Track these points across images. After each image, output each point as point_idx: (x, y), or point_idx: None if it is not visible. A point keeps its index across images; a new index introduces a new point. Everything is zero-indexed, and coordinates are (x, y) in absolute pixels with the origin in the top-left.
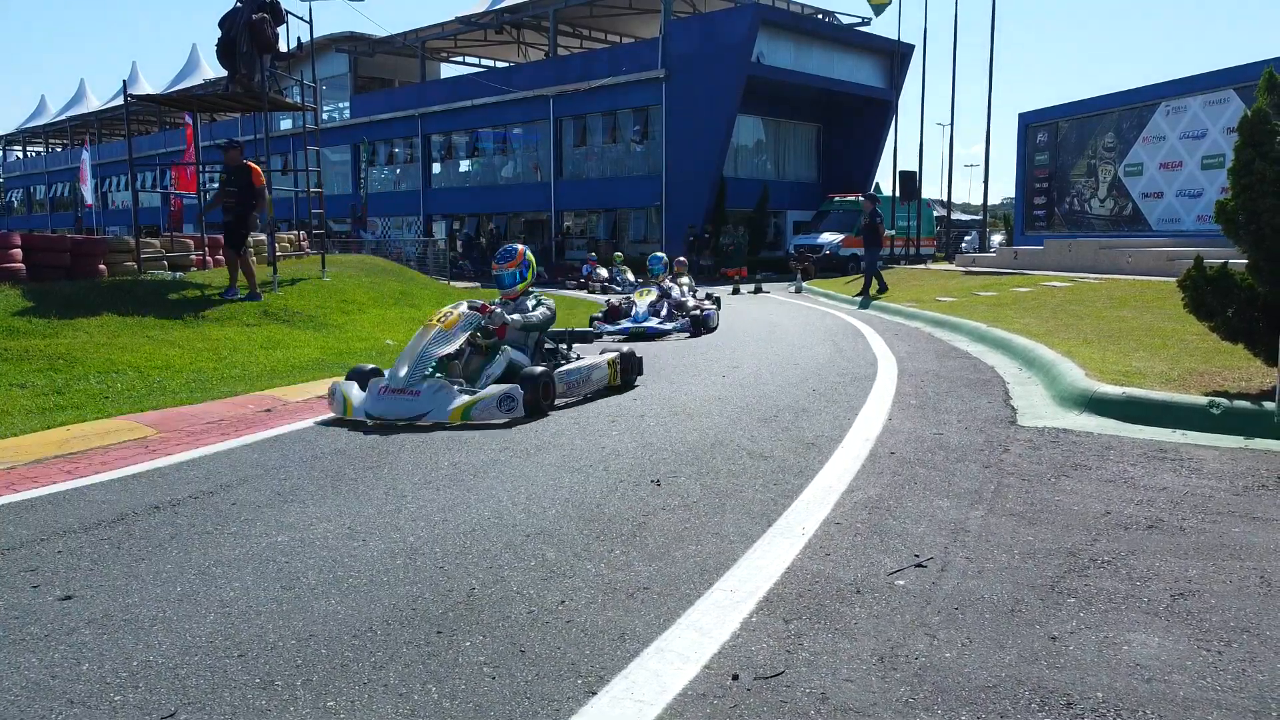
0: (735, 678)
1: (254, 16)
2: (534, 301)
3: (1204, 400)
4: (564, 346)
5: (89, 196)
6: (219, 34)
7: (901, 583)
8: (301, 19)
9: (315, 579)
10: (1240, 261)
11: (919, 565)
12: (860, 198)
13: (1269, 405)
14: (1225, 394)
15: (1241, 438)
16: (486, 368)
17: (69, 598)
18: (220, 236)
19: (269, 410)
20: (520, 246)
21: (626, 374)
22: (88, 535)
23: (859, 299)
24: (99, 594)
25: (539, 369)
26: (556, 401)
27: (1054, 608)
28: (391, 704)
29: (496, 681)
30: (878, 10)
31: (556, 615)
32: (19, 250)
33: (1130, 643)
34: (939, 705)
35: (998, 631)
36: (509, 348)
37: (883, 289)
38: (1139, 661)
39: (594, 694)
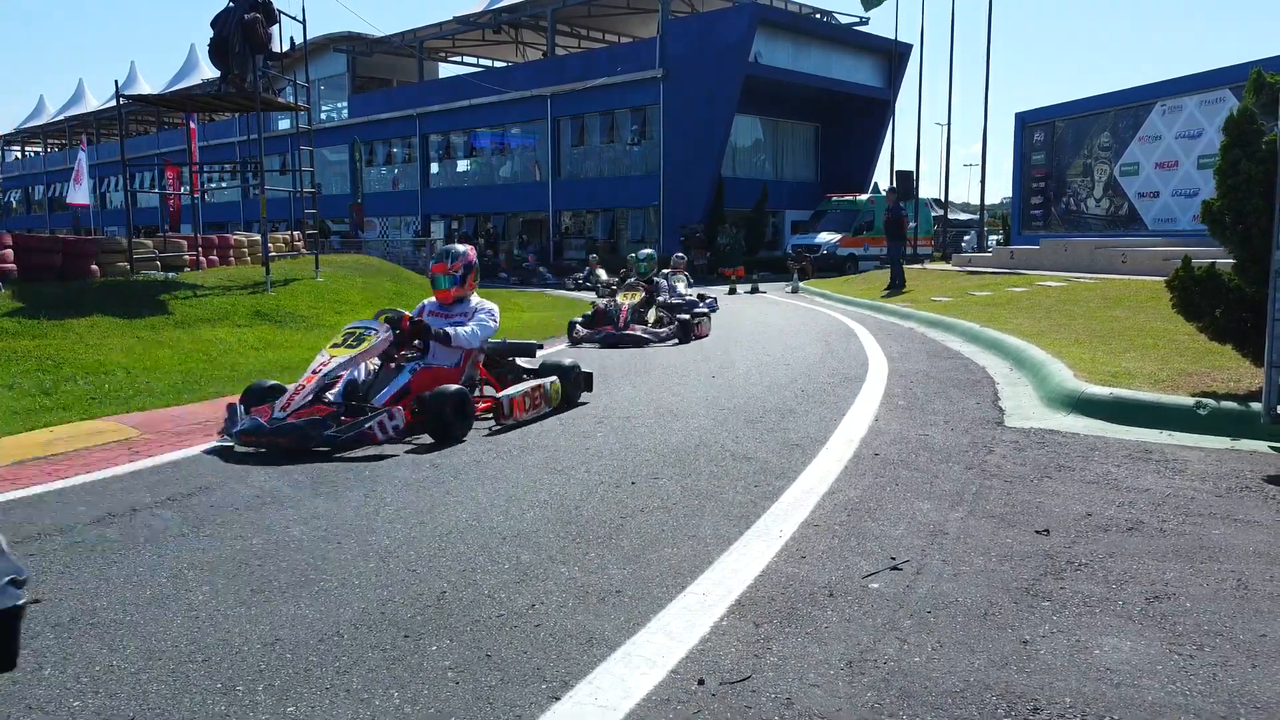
0: (701, 682)
1: (246, 16)
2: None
3: (1191, 401)
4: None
5: (85, 197)
6: (211, 34)
7: (875, 586)
8: (295, 19)
9: (286, 582)
10: (1229, 261)
11: (894, 568)
12: (871, 195)
13: (1255, 406)
14: (1213, 394)
15: (1228, 438)
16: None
17: (37, 601)
18: (214, 236)
19: None
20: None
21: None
22: (62, 538)
23: (887, 291)
24: (68, 598)
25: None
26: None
27: (1027, 611)
28: (352, 710)
29: (460, 687)
30: (868, 5)
31: (526, 619)
32: (10, 250)
33: (1102, 647)
34: (904, 710)
35: (969, 635)
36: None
37: (897, 285)
38: (1110, 666)
39: (557, 699)
